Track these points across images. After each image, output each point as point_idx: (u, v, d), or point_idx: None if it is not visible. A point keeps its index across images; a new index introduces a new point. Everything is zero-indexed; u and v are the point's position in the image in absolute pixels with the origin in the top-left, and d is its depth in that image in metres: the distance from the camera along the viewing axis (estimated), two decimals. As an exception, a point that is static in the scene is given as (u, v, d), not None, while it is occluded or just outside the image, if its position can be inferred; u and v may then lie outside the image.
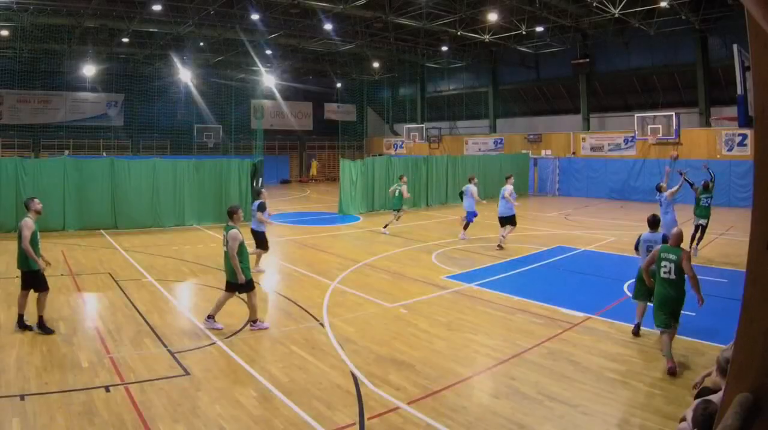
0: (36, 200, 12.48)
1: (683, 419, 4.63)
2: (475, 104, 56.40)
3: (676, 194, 18.21)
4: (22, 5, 33.72)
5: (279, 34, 42.45)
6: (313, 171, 62.15)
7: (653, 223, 12.23)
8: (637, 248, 12.59)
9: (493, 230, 24.75)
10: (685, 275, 9.97)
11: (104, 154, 49.83)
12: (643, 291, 11.65)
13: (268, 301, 15.18)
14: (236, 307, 13.50)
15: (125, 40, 44.37)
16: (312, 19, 39.59)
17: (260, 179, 29.21)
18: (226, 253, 12.30)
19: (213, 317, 12.40)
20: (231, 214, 12.72)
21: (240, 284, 12.08)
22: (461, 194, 24.47)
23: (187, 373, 9.90)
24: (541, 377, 9.76)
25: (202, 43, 47.64)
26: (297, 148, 65.13)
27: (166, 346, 11.17)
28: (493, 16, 37.25)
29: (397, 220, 25.89)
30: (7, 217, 24.08)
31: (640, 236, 12.49)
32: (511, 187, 22.51)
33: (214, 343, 11.45)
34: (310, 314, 13.46)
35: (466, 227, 23.92)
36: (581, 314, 13.34)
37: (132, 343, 11.30)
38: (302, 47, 48.42)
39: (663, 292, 10.29)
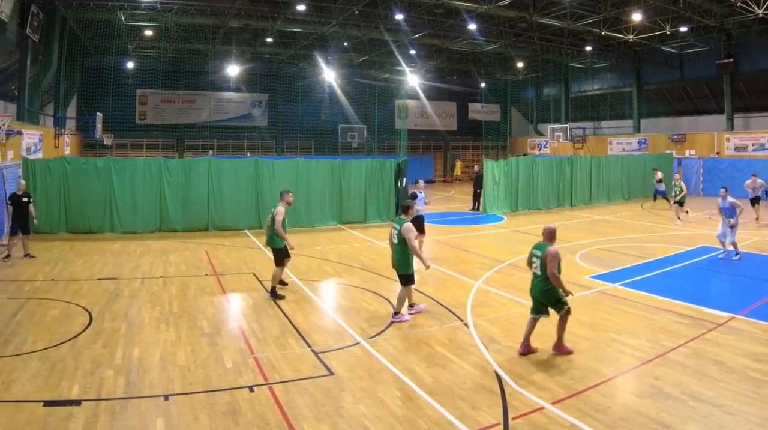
0: (290, 193, 15.81)
1: None
2: (619, 104, 55.45)
3: None
4: (167, 5, 35.39)
5: (423, 34, 42.74)
6: (457, 171, 62.09)
7: None
8: None
9: (636, 231, 25.97)
10: None
11: (248, 154, 51.71)
12: None
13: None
14: (379, 306, 13.59)
15: (269, 40, 45.88)
16: (456, 19, 39.92)
17: (404, 179, 29.31)
18: (396, 246, 12.75)
19: (414, 304, 13.11)
20: (406, 209, 13.57)
21: (408, 275, 12.67)
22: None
23: (331, 373, 10.04)
24: (684, 376, 9.78)
25: (346, 43, 48.57)
26: (441, 148, 65.50)
27: (310, 346, 11.34)
28: (637, 16, 37.22)
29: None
30: (152, 216, 25.24)
31: None
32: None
33: (358, 343, 11.56)
34: (454, 314, 13.49)
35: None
36: (725, 314, 13.25)
37: (276, 343, 11.52)
38: (446, 47, 48.67)
39: None
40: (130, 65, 50.65)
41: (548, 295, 10.64)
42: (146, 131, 52.67)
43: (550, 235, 10.88)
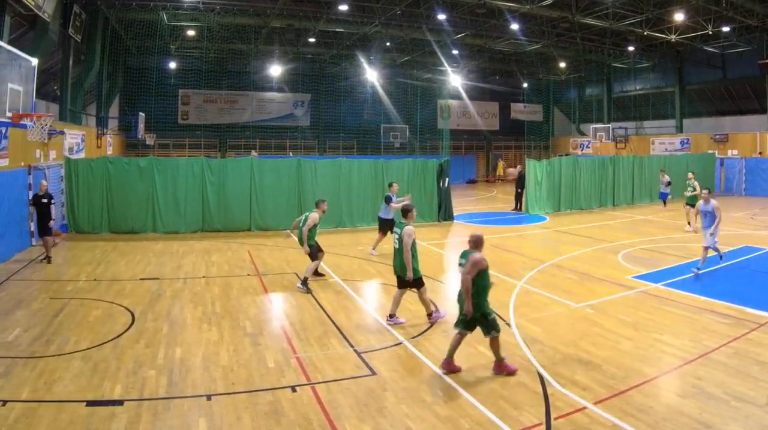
0: (325, 203, 16.67)
1: None
2: (662, 104, 55.47)
3: None
4: (209, 5, 35.73)
5: (465, 34, 42.78)
6: (500, 171, 61.97)
7: None
8: None
9: (678, 231, 25.87)
10: None
11: (291, 154, 52.06)
12: None
13: (455, 301, 15.08)
14: (422, 307, 13.56)
15: (312, 40, 46.24)
16: (498, 19, 39.99)
17: (446, 180, 29.27)
18: (396, 249, 12.64)
19: (394, 315, 12.76)
20: (405, 212, 13.12)
21: (407, 280, 12.39)
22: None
23: (373, 373, 10.07)
24: (727, 377, 9.77)
25: (388, 43, 48.74)
26: (483, 148, 65.49)
27: (352, 346, 11.38)
28: (679, 16, 37.29)
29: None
30: (194, 216, 25.45)
31: None
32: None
33: (400, 343, 11.61)
34: (497, 314, 13.23)
35: None
36: None
37: (318, 343, 11.56)
38: (488, 47, 48.66)
39: None
40: (173, 65, 51.28)
41: (475, 307, 10.01)
42: (188, 131, 53.24)
43: (475, 242, 10.40)
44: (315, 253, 15.98)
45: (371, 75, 52.86)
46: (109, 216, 24.82)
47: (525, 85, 64.55)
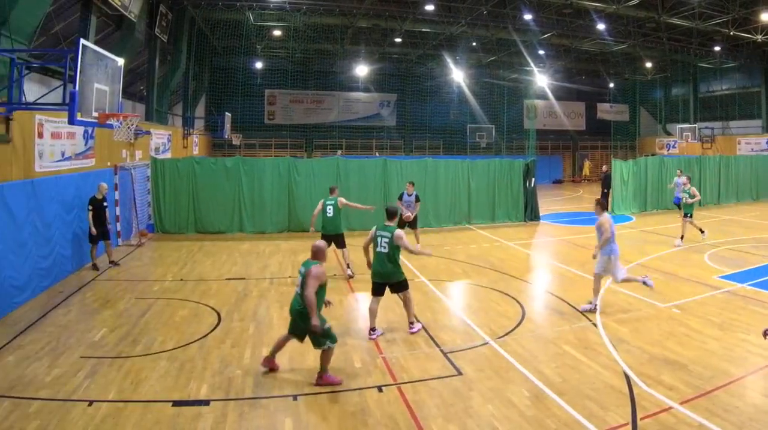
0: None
1: None
2: (748, 104, 54.15)
3: None
4: (295, 5, 36.21)
5: (551, 34, 42.43)
6: (586, 171, 61.41)
7: None
8: None
9: (766, 231, 25.90)
10: None
11: (377, 154, 52.39)
12: None
13: (541, 301, 15.30)
14: (508, 307, 13.66)
15: (398, 40, 46.42)
16: (584, 19, 39.74)
17: (533, 180, 29.13)
18: (385, 254, 12.49)
19: (375, 328, 12.32)
20: (392, 214, 13.04)
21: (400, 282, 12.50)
22: None
23: (459, 373, 10.13)
24: None
25: (474, 43, 48.64)
26: (570, 148, 64.96)
27: (438, 346, 11.42)
28: (765, 16, 36.41)
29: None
30: (280, 216, 25.83)
31: None
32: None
33: (486, 343, 11.63)
34: (583, 314, 13.53)
35: None
36: None
37: (404, 343, 11.63)
38: (575, 47, 48.17)
39: None
40: (259, 65, 52.21)
41: (306, 318, 9.62)
42: (275, 131, 54.14)
43: (315, 253, 10.12)
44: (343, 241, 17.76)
45: (457, 75, 52.87)
46: (195, 216, 25.33)
47: (611, 85, 63.99)
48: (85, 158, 19.57)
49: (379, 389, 9.46)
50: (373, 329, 12.24)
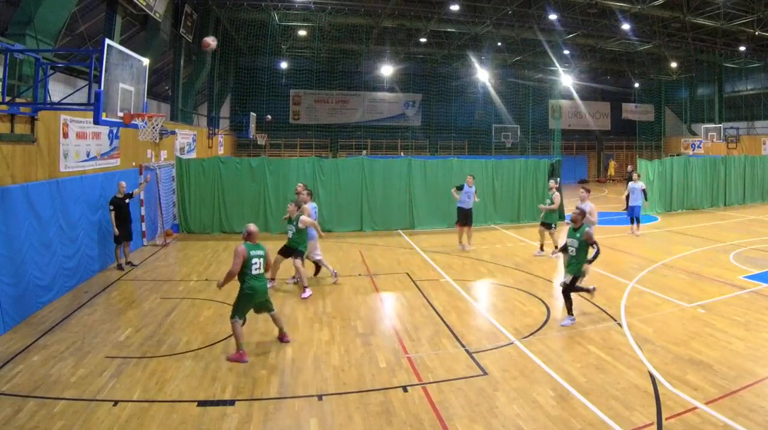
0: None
1: None
2: None
3: None
4: (320, 5, 36.34)
5: (577, 34, 42.21)
6: (611, 171, 61.21)
7: None
8: None
9: None
10: None
11: (402, 154, 52.45)
12: None
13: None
14: (533, 307, 13.70)
15: (423, 40, 46.41)
16: (610, 19, 39.61)
17: (558, 179, 29.07)
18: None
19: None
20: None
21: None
22: None
23: (484, 373, 10.13)
24: None
25: (499, 43, 48.51)
26: (595, 148, 64.80)
27: (463, 346, 11.42)
28: None
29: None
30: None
31: None
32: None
33: (511, 343, 11.63)
34: (608, 314, 13.56)
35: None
36: None
37: (430, 343, 11.63)
38: (600, 47, 48.00)
39: None
40: (284, 65, 52.23)
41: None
42: (300, 131, 54.30)
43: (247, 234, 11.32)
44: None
45: (482, 75, 52.72)
46: (221, 216, 25.44)
47: (636, 85, 63.74)
48: (110, 158, 19.68)
49: (404, 389, 9.46)
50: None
